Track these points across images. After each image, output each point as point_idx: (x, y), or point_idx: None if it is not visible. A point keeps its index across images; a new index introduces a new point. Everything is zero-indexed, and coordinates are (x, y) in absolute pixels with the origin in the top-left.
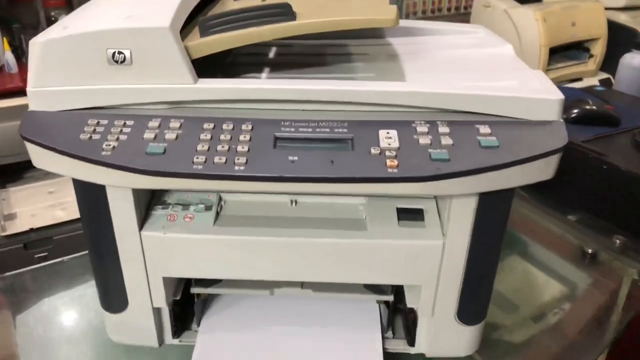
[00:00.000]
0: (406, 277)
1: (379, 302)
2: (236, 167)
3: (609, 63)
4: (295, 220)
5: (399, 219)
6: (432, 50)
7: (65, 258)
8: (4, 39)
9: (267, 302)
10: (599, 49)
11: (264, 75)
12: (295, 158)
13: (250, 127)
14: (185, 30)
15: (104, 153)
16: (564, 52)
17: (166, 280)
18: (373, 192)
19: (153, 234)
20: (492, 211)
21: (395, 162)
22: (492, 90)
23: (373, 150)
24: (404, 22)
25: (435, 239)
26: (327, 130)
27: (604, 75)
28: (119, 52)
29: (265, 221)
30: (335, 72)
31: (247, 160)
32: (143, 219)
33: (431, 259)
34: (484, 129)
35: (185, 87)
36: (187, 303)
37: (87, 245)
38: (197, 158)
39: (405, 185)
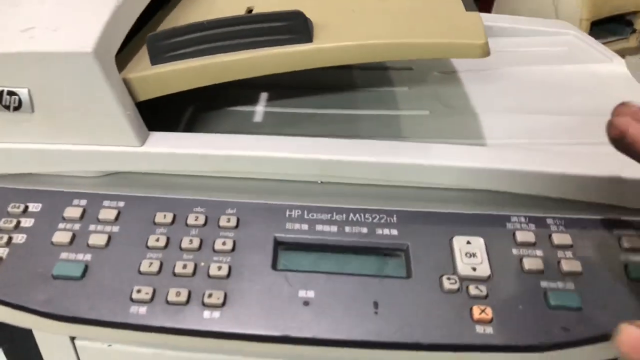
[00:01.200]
0: None
1: None
2: (206, 314)
3: None
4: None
5: None
6: (507, 66)
7: None
8: None
9: None
10: None
11: (253, 116)
12: (311, 295)
13: (234, 220)
14: (124, 51)
15: None
16: (604, 25)
17: None
18: None
19: (92, 345)
20: None
21: (489, 313)
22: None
23: (447, 283)
24: None
25: None
26: (364, 230)
27: None
28: (10, 93)
29: None
30: (367, 109)
31: (225, 296)
32: None
33: None
34: (632, 240)
35: (126, 152)
36: None
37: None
38: (139, 292)
39: (505, 355)
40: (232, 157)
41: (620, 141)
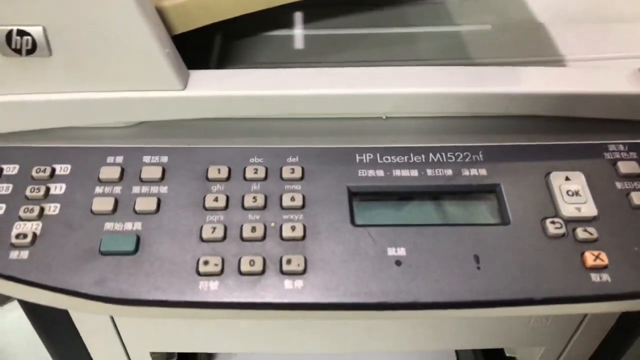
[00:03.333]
0: (527, 340)
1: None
2: (287, 284)
3: None
4: None
5: None
6: None
7: None
8: None
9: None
10: None
11: (293, 52)
12: (402, 252)
13: (299, 170)
14: None
15: (13, 255)
16: None
17: (155, 354)
18: (560, 312)
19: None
20: None
21: (604, 258)
22: None
23: (552, 227)
24: None
25: None
26: (448, 172)
27: None
28: (20, 32)
29: None
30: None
31: (305, 262)
32: None
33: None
34: None
35: (169, 97)
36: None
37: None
38: (206, 263)
39: (623, 303)
40: (292, 97)
41: None
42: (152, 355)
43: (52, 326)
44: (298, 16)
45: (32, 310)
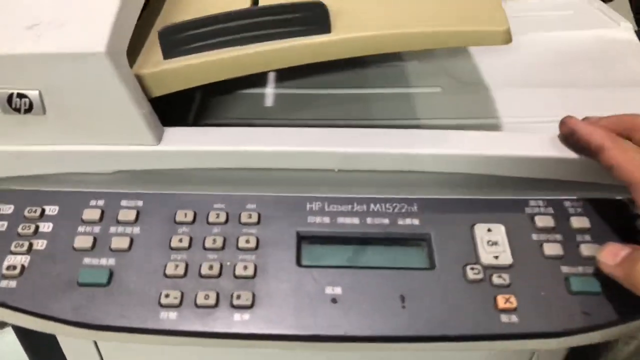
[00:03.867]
0: None
1: None
2: (236, 316)
3: None
4: None
5: None
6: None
7: None
8: None
9: None
10: None
11: (265, 99)
12: (338, 291)
13: (255, 216)
14: (130, 43)
15: (3, 284)
16: None
17: None
18: (472, 349)
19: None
20: None
21: (513, 302)
22: None
23: (471, 273)
24: None
25: None
26: (385, 221)
27: None
28: (20, 95)
29: None
30: (378, 87)
31: (253, 297)
32: None
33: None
34: None
35: (143, 151)
36: None
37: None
38: (167, 296)
39: (529, 342)
40: (250, 152)
41: (570, 137)
42: None
43: (41, 349)
44: (270, 76)
45: (23, 334)
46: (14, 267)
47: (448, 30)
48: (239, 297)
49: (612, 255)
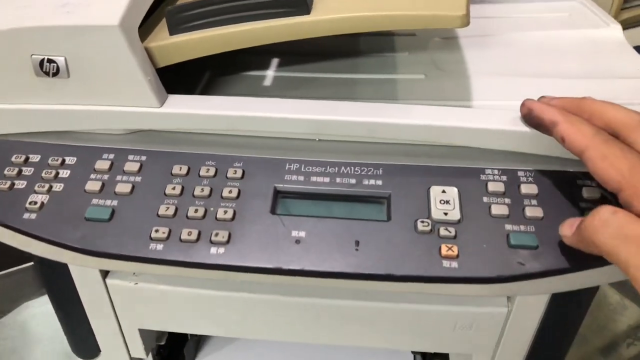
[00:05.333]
0: (455, 346)
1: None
2: (212, 250)
3: None
4: None
5: None
6: (506, 32)
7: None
8: None
9: (273, 344)
10: None
11: (263, 80)
12: (302, 234)
13: (240, 172)
14: (147, 23)
15: (26, 216)
16: None
17: (144, 331)
18: (417, 291)
19: (121, 282)
20: None
21: (455, 250)
22: None
23: (421, 225)
24: None
25: (498, 306)
26: (352, 180)
27: None
28: (49, 60)
29: None
30: (366, 73)
31: (229, 236)
32: None
33: (490, 329)
34: (591, 191)
35: (147, 112)
36: (177, 343)
37: (45, 287)
38: (157, 231)
39: (468, 287)
40: (238, 117)
41: (528, 116)
42: (141, 332)
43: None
44: (270, 61)
45: (43, 273)
46: (35, 203)
47: (412, 13)
48: (216, 234)
49: (569, 227)
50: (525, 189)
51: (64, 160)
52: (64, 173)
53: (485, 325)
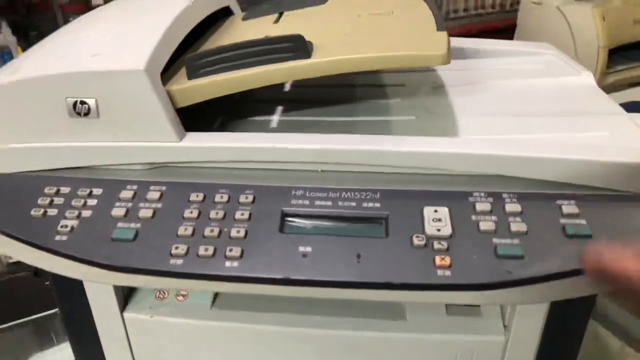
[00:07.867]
0: None
1: None
2: (227, 264)
3: None
4: (316, 304)
5: (447, 306)
6: (489, 81)
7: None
8: (19, 47)
9: None
10: None
11: (270, 123)
12: (309, 249)
13: (251, 198)
14: (169, 71)
15: (58, 238)
16: (623, 52)
17: None
18: (415, 300)
19: (137, 316)
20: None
21: (448, 261)
22: (576, 151)
23: (416, 240)
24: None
25: (496, 334)
26: (353, 204)
27: None
28: (82, 102)
29: (278, 304)
30: (362, 116)
31: (242, 252)
32: (127, 296)
33: (490, 358)
34: (569, 208)
35: (168, 146)
36: None
37: (64, 324)
38: (176, 249)
39: (461, 293)
40: (250, 148)
41: (599, 274)
42: None
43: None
44: (278, 107)
45: (62, 307)
46: (66, 227)
47: (399, 54)
48: (230, 250)
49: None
50: (510, 207)
51: (91, 191)
52: (92, 202)
53: (485, 355)
